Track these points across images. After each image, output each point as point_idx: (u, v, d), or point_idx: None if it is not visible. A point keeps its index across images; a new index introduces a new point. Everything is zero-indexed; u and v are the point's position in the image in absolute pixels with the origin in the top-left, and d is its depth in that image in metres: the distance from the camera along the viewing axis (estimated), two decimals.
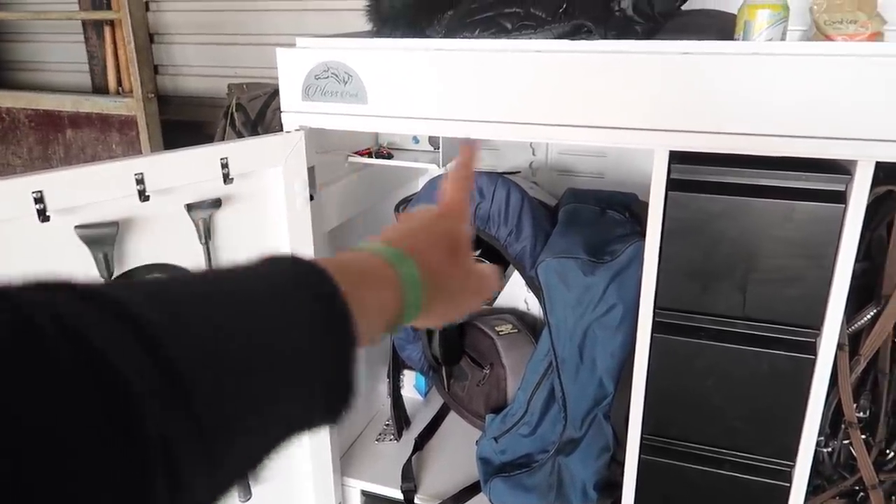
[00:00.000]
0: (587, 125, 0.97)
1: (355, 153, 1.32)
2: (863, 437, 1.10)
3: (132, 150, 1.62)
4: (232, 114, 1.75)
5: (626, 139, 0.98)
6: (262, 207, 1.09)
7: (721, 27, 1.11)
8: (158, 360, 0.25)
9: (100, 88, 2.07)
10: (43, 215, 0.84)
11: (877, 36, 1.08)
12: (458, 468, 1.44)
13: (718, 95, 0.91)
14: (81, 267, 0.92)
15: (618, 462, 1.29)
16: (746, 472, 1.11)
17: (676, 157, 0.99)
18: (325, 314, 0.33)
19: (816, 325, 1.00)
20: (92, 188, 0.89)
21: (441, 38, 1.04)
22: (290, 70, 1.08)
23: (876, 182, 0.91)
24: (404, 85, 1.04)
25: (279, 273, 0.34)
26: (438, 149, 1.38)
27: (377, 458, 1.47)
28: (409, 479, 1.39)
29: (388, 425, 1.56)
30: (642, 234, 1.18)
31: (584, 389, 1.23)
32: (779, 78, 0.88)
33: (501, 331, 1.57)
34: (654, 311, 1.06)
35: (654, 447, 1.15)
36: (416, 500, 1.36)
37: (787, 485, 1.09)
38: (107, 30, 1.96)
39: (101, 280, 0.93)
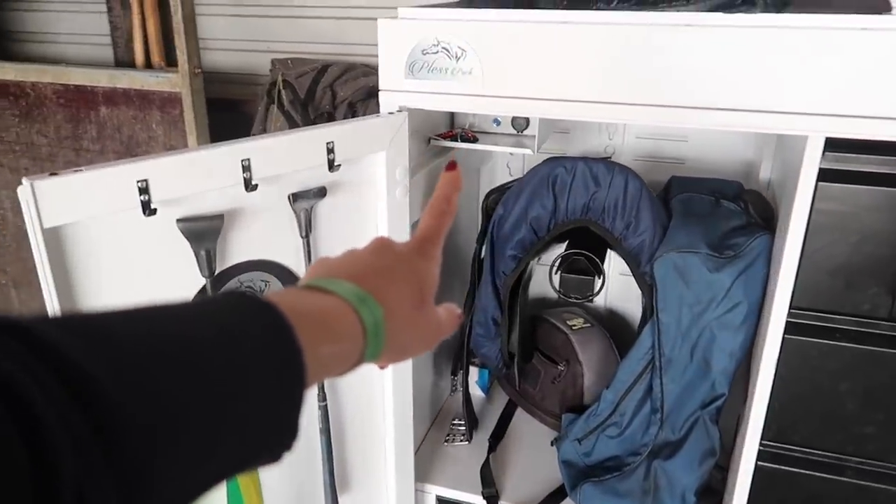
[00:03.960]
0: (740, 109, 0.88)
1: (438, 136, 1.22)
2: None
3: (175, 129, 1.49)
4: (279, 91, 1.63)
5: (780, 124, 0.89)
6: (361, 198, 0.99)
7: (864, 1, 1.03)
8: (89, 413, 0.24)
9: (123, 62, 1.93)
10: (148, 208, 0.73)
11: None
12: (536, 471, 1.36)
13: (885, 78, 0.83)
14: (180, 264, 0.81)
15: (720, 467, 1.22)
16: (873, 480, 1.05)
17: (829, 145, 0.91)
18: (277, 366, 0.32)
19: None
20: (198, 177, 0.78)
21: (563, 9, 0.94)
22: (393, 44, 0.98)
23: None
24: (525, 62, 0.94)
25: (232, 317, 0.32)
26: (523, 131, 1.28)
27: (449, 461, 1.39)
28: (490, 483, 1.31)
29: (455, 425, 1.48)
30: (760, 226, 1.11)
31: (691, 390, 1.16)
32: None
33: (574, 325, 1.49)
34: (788, 311, 0.99)
35: (772, 453, 1.08)
36: None
37: None
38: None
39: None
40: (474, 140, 1.23)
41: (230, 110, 1.83)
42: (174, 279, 0.82)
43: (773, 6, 0.86)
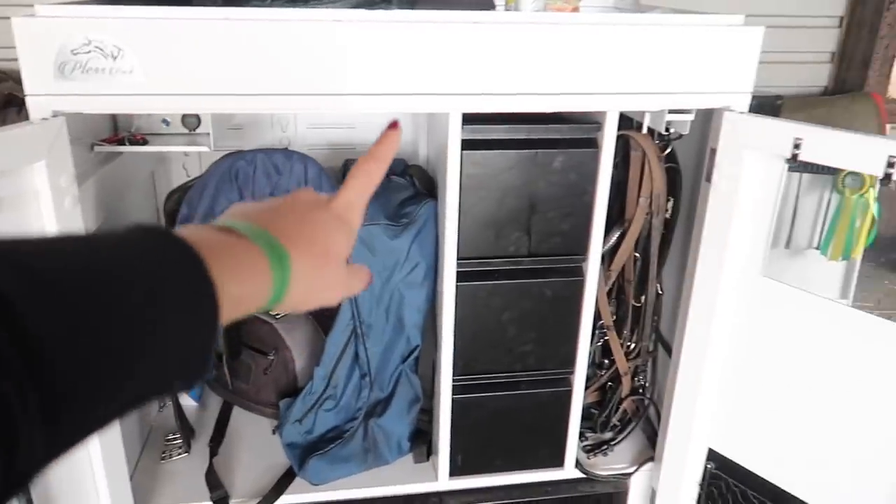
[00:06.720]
0: (390, 93, 1.01)
1: (102, 141, 1.14)
2: None
3: None
4: None
5: (425, 104, 1.04)
6: (25, 213, 0.90)
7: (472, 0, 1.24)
8: (11, 330, 0.26)
9: None
10: None
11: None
12: (263, 462, 1.38)
13: (502, 61, 1.03)
14: None
15: (424, 411, 1.38)
16: (538, 387, 1.30)
17: (466, 119, 1.09)
18: (193, 299, 0.35)
19: (583, 251, 1.20)
20: None
21: (219, 6, 0.97)
22: (34, 45, 0.90)
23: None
24: (190, 59, 0.94)
25: (148, 251, 0.34)
26: (195, 130, 1.28)
27: (170, 478, 1.33)
28: (217, 486, 1.29)
29: (169, 440, 1.41)
30: (425, 195, 1.27)
31: (391, 349, 1.29)
32: (548, 44, 1.03)
33: (277, 314, 1.53)
34: (457, 262, 1.16)
35: (462, 386, 1.27)
36: None
37: (569, 389, 1.30)
38: None
39: None
40: (144, 142, 1.18)
41: None
42: None
43: (406, 3, 1.00)
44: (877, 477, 1.04)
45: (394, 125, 0.51)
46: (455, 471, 1.33)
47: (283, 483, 1.32)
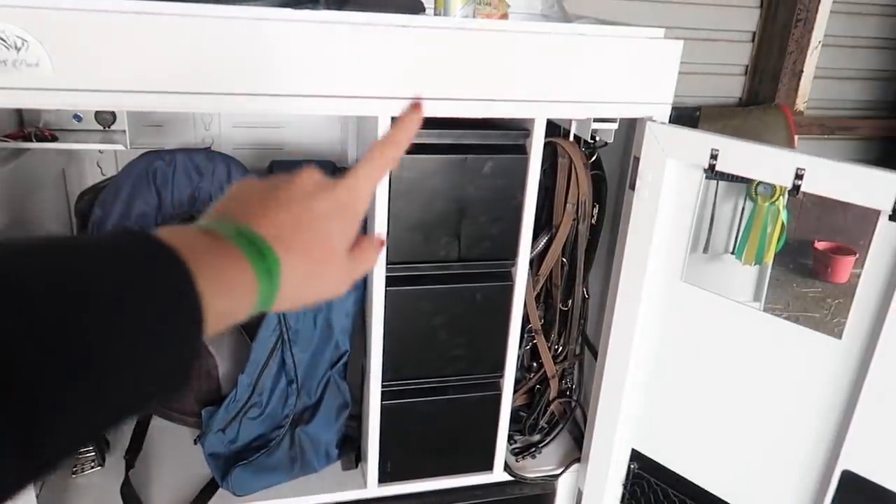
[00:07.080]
0: (316, 95, 0.99)
1: (6, 137, 1.08)
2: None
3: None
4: None
5: (353, 108, 1.02)
6: None
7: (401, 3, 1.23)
8: None
9: None
10: None
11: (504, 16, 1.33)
12: (183, 474, 1.33)
13: (430, 65, 1.02)
14: None
15: (353, 417, 1.36)
16: (467, 392, 1.30)
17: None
18: (178, 318, 0.33)
19: (512, 256, 1.21)
20: None
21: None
22: None
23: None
24: (102, 53, 0.89)
25: (133, 255, 0.33)
26: (110, 127, 1.22)
27: (82, 494, 1.26)
28: (134, 500, 1.23)
29: (81, 453, 1.34)
30: None
31: (320, 354, 1.26)
32: (476, 50, 1.03)
33: None
34: (386, 267, 1.15)
35: (392, 391, 1.25)
36: None
37: (499, 393, 1.31)
38: None
39: None
40: (53, 139, 1.12)
41: None
42: None
43: (334, 4, 0.98)
44: (786, 472, 1.09)
45: (416, 106, 0.48)
46: (384, 477, 1.31)
47: (204, 495, 1.27)
